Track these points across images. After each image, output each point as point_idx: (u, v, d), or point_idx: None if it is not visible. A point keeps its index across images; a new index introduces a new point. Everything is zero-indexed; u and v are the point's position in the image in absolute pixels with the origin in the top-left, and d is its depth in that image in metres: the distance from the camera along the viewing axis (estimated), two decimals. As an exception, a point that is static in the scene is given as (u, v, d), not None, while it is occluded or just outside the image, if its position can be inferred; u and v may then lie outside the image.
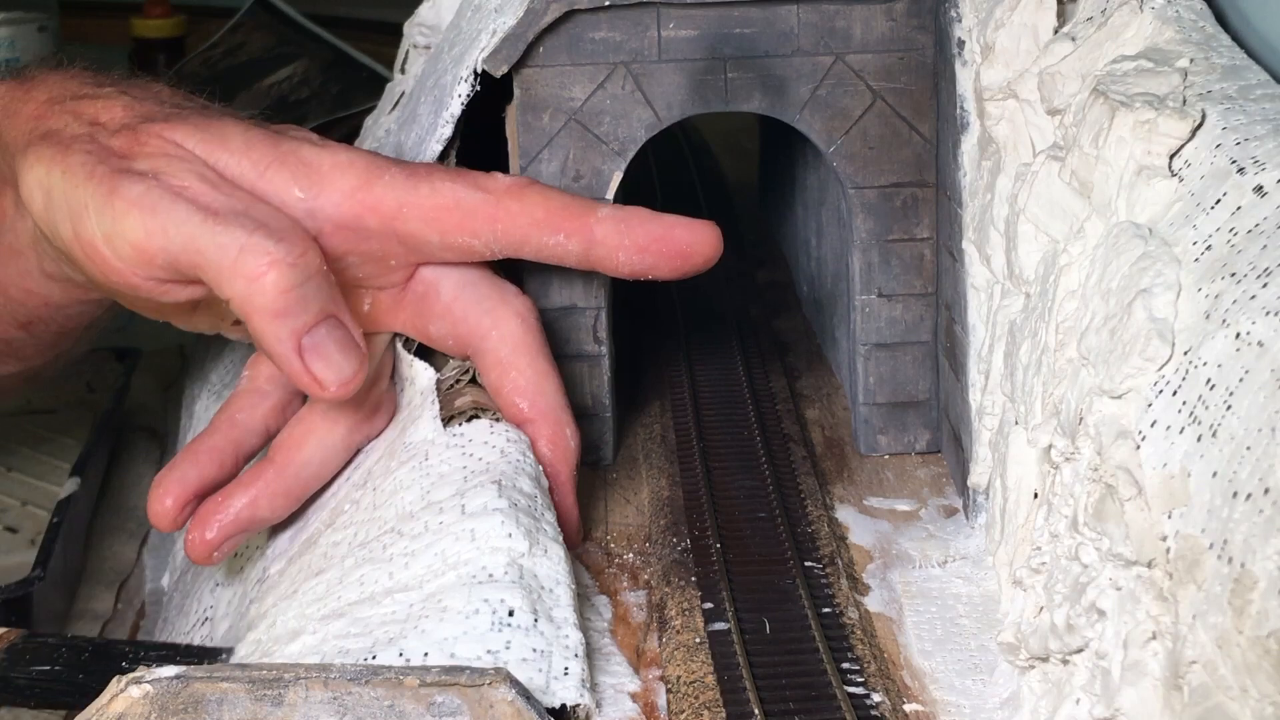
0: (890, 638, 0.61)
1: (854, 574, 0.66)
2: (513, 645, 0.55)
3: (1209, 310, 0.48)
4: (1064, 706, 0.51)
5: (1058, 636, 0.52)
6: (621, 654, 0.61)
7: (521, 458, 0.65)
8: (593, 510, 0.73)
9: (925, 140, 0.73)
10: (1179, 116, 0.54)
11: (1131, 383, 0.50)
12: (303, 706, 0.47)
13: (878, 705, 0.56)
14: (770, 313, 0.97)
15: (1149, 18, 0.61)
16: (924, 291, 0.75)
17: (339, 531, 0.65)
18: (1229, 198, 0.50)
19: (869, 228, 0.75)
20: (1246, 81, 0.56)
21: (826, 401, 0.84)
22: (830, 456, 0.78)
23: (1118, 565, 0.49)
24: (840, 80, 0.73)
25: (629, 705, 0.57)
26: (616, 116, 0.73)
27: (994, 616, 0.61)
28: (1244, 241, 0.48)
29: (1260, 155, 0.50)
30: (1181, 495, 0.46)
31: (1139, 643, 0.47)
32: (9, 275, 0.71)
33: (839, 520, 0.71)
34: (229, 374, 0.89)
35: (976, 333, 0.67)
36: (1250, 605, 0.41)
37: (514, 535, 0.59)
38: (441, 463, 0.65)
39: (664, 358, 0.88)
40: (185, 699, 0.47)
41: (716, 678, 0.57)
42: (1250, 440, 0.43)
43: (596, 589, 0.66)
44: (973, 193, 0.68)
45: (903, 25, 0.72)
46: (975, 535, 0.68)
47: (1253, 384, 0.44)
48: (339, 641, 0.57)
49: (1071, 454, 0.54)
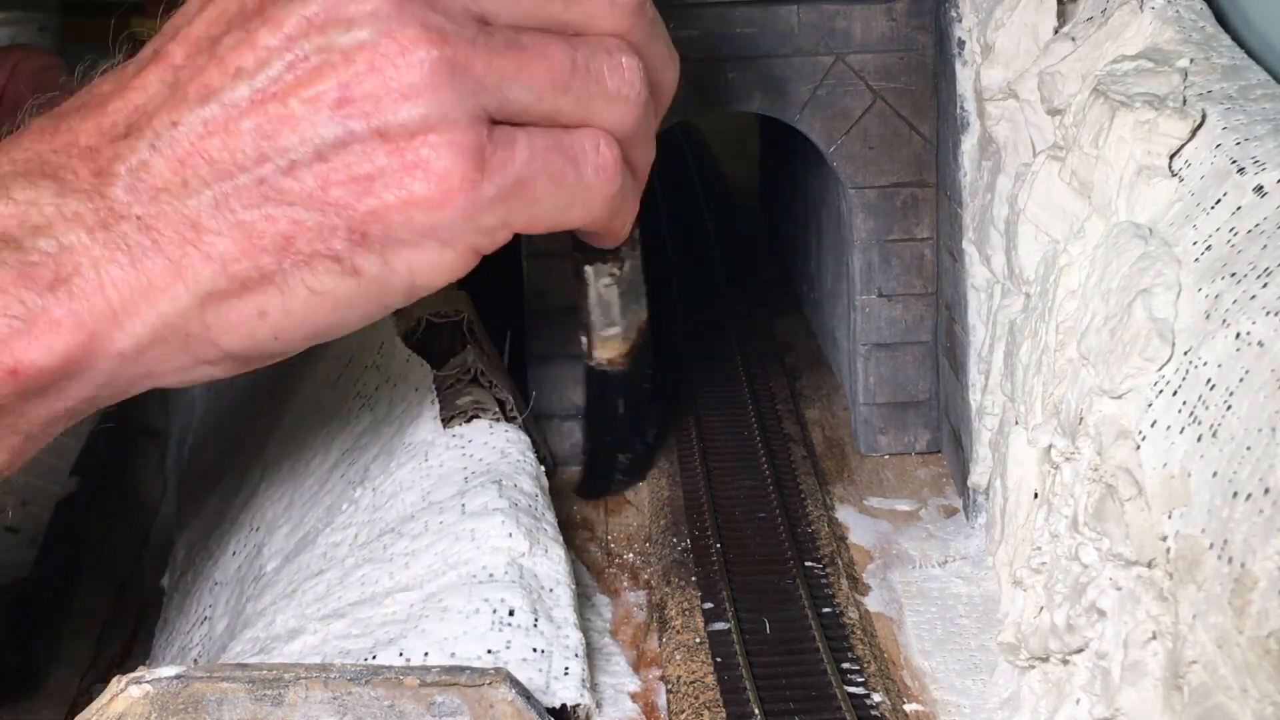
0: (890, 638, 0.61)
1: (854, 574, 0.66)
2: (513, 645, 0.55)
3: (1209, 310, 0.48)
4: (1064, 706, 0.51)
5: (1058, 636, 0.52)
6: (622, 654, 0.61)
7: (521, 458, 0.65)
8: (593, 510, 0.73)
9: (925, 140, 0.73)
10: (1179, 116, 0.54)
11: (1131, 383, 0.50)
12: (303, 706, 0.47)
13: (878, 705, 0.56)
14: (770, 313, 0.97)
15: (1149, 18, 0.61)
16: (924, 291, 0.75)
17: (339, 532, 0.65)
18: (1229, 198, 0.50)
19: (869, 228, 0.75)
20: (1246, 81, 0.56)
21: (826, 401, 0.84)
22: (830, 456, 0.78)
23: (1118, 565, 0.49)
24: (840, 80, 0.73)
25: (629, 705, 0.57)
26: (616, 116, 0.72)
27: (994, 616, 0.61)
28: (1244, 241, 0.48)
29: (1260, 155, 0.50)
30: (1181, 495, 0.46)
31: (1139, 643, 0.47)
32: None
33: (839, 520, 0.71)
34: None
35: (976, 333, 0.67)
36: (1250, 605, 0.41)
37: (514, 535, 0.59)
38: (441, 463, 0.65)
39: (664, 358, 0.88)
40: (185, 699, 0.47)
41: (716, 678, 0.57)
42: (1250, 440, 0.43)
43: (597, 589, 0.66)
44: (973, 193, 0.68)
45: (903, 25, 0.72)
46: (975, 535, 0.68)
47: (1253, 384, 0.44)
48: (340, 642, 0.57)
49: (1071, 454, 0.54)
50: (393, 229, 0.52)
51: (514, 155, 0.53)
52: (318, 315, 0.53)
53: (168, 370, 0.54)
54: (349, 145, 0.51)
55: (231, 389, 0.96)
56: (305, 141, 0.51)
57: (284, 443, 0.80)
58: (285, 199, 0.51)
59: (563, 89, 0.54)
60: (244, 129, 0.51)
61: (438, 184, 0.51)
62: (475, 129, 0.51)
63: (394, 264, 0.52)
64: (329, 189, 0.51)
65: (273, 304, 0.52)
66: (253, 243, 0.51)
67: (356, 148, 0.51)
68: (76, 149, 0.52)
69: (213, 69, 0.52)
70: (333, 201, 0.51)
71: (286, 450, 0.79)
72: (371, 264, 0.52)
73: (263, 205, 0.51)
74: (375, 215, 0.51)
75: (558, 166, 0.54)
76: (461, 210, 0.52)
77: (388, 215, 0.51)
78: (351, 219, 0.51)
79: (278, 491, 0.76)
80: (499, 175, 0.52)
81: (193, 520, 0.88)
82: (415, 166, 0.51)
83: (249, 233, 0.51)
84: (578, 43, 0.55)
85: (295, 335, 0.53)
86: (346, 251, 0.52)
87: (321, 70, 0.51)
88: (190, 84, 0.52)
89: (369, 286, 0.53)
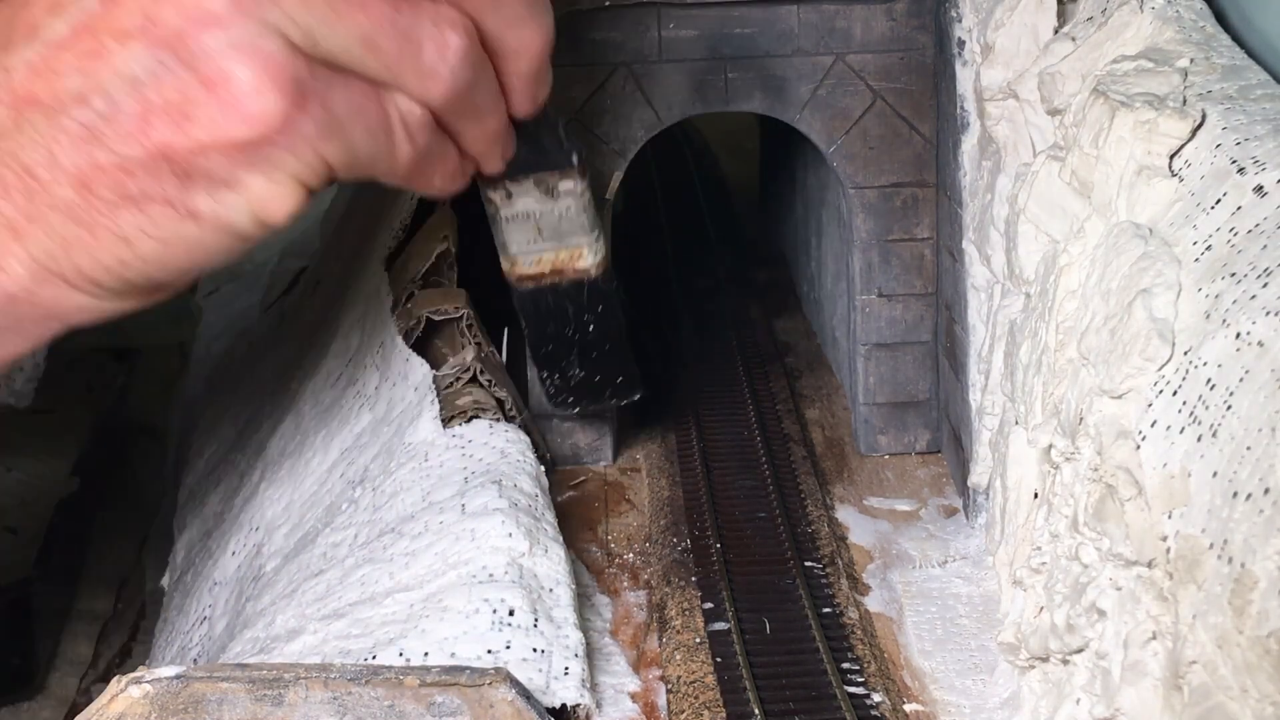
0: (890, 638, 0.61)
1: (854, 574, 0.66)
2: (513, 645, 0.55)
3: (1209, 310, 0.48)
4: (1064, 706, 0.51)
5: (1058, 636, 0.52)
6: (622, 654, 0.61)
7: (521, 458, 0.65)
8: (592, 510, 0.73)
9: (925, 140, 0.73)
10: (1179, 116, 0.54)
11: (1132, 383, 0.50)
12: (303, 706, 0.47)
13: (878, 705, 0.56)
14: (770, 313, 0.97)
15: (1149, 18, 0.61)
16: (924, 291, 0.75)
17: (338, 532, 0.65)
18: (1229, 198, 0.50)
19: (869, 228, 0.75)
20: (1246, 81, 0.56)
21: (826, 401, 0.84)
22: (830, 456, 0.78)
23: (1118, 565, 0.49)
24: (840, 80, 0.73)
25: (629, 705, 0.57)
26: (617, 116, 0.73)
27: (994, 616, 0.61)
28: (1244, 241, 0.48)
29: (1260, 155, 0.50)
30: (1181, 495, 0.46)
31: (1139, 643, 0.47)
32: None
33: (839, 520, 0.71)
34: (229, 374, 0.89)
35: (976, 332, 0.67)
36: (1250, 605, 0.41)
37: (514, 535, 0.59)
38: (441, 463, 0.65)
39: (664, 358, 0.88)
40: (185, 699, 0.47)
41: (716, 677, 0.57)
42: (1250, 440, 0.43)
43: (597, 589, 0.66)
44: (973, 193, 0.68)
45: (903, 25, 0.72)
46: (975, 535, 0.68)
47: (1253, 384, 0.44)
48: (340, 642, 0.57)
49: (1071, 454, 0.54)
50: (215, 165, 0.51)
51: (331, 96, 0.53)
52: (173, 258, 0.53)
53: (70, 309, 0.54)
54: (160, 79, 0.51)
55: (232, 389, 0.96)
56: (119, 75, 0.51)
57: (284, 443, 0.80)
58: (109, 142, 0.51)
59: (372, 48, 0.54)
60: (65, 67, 0.51)
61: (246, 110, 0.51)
62: (291, 61, 0.51)
63: (227, 201, 0.52)
64: (149, 128, 0.51)
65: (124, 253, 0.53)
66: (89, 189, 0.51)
67: (169, 80, 0.51)
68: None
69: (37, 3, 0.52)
70: (155, 142, 0.51)
71: (286, 450, 0.79)
72: (205, 204, 0.52)
73: (90, 148, 0.51)
74: (197, 150, 0.51)
75: (372, 121, 0.54)
76: (282, 143, 0.52)
77: (208, 151, 0.51)
78: (173, 156, 0.51)
79: (278, 491, 0.76)
80: (318, 112, 0.52)
81: (193, 520, 0.88)
82: (228, 98, 0.51)
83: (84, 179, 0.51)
84: (404, 6, 0.54)
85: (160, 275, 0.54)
86: (177, 194, 0.52)
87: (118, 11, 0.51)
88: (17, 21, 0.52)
89: (210, 226, 0.53)
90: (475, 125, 0.58)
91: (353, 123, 0.54)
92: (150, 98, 0.51)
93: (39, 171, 0.51)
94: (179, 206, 0.52)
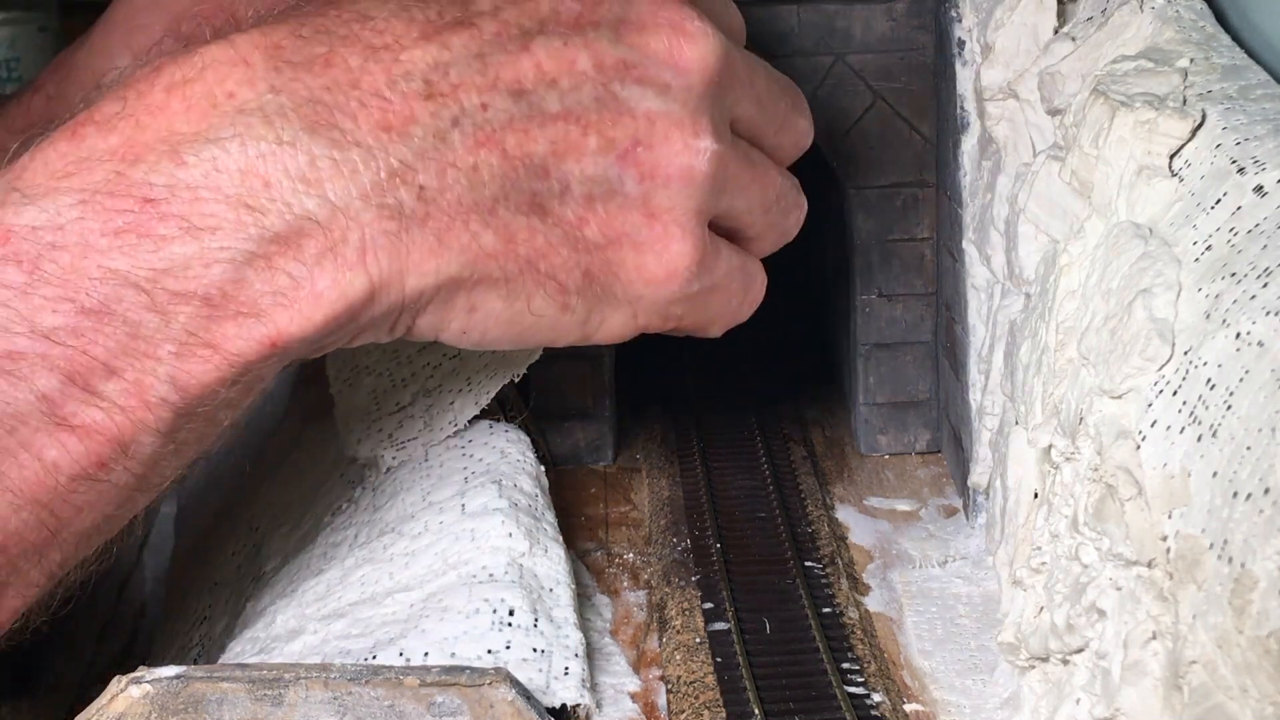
0: (890, 638, 0.61)
1: (854, 574, 0.66)
2: (513, 645, 0.55)
3: (1209, 310, 0.48)
4: (1064, 706, 0.51)
5: (1058, 636, 0.52)
6: (622, 654, 0.61)
7: (521, 457, 0.65)
8: (593, 510, 0.73)
9: (925, 140, 0.73)
10: (1179, 116, 0.54)
11: (1131, 383, 0.50)
12: (303, 706, 0.47)
13: (878, 705, 0.56)
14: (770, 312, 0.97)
15: (1149, 18, 0.61)
16: (924, 291, 0.75)
17: (338, 532, 0.65)
18: (1229, 198, 0.50)
19: (869, 228, 0.75)
20: (1246, 81, 0.56)
21: (826, 401, 0.84)
22: (830, 456, 0.78)
23: (1118, 565, 0.49)
24: (840, 80, 0.73)
25: (629, 705, 0.57)
26: (616, 116, 0.72)
27: (994, 616, 0.61)
28: (1244, 241, 0.48)
29: (1260, 155, 0.50)
30: (1181, 495, 0.46)
31: (1139, 643, 0.47)
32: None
33: (839, 520, 0.71)
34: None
35: (976, 332, 0.67)
36: (1250, 605, 0.41)
37: (514, 535, 0.59)
38: (441, 463, 0.65)
39: (664, 359, 0.88)
40: (185, 699, 0.47)
41: (716, 678, 0.57)
42: (1250, 440, 0.43)
43: (597, 589, 0.66)
44: (973, 193, 0.68)
45: (903, 25, 0.72)
46: (975, 535, 0.68)
47: (1253, 384, 0.44)
48: (340, 642, 0.57)
49: (1071, 454, 0.54)
50: (615, 286, 0.54)
51: (719, 262, 0.56)
52: (514, 330, 0.54)
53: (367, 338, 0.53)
54: (615, 197, 0.53)
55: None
56: (584, 175, 0.52)
57: (283, 442, 0.80)
58: (548, 219, 0.52)
59: (763, 212, 0.58)
60: (541, 138, 0.52)
61: (669, 264, 0.54)
62: (704, 226, 0.55)
63: (596, 313, 0.55)
64: (584, 227, 0.53)
65: (490, 306, 0.52)
66: (509, 247, 0.52)
67: (621, 201, 0.53)
68: (356, 92, 0.49)
69: (525, 64, 0.52)
70: (583, 240, 0.53)
71: (286, 450, 0.79)
72: (581, 306, 0.54)
73: (529, 215, 0.52)
74: (610, 268, 0.54)
75: (738, 285, 0.58)
76: (671, 294, 0.55)
77: (620, 273, 0.54)
78: (591, 263, 0.53)
79: (277, 491, 0.76)
80: (706, 276, 0.56)
81: (193, 520, 0.88)
82: (659, 241, 0.54)
83: (510, 237, 0.52)
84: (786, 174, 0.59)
85: (478, 338, 0.54)
86: (574, 288, 0.53)
87: (622, 119, 0.53)
88: (502, 70, 0.51)
89: (567, 323, 0.54)
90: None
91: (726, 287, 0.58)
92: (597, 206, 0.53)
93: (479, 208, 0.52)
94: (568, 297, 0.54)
